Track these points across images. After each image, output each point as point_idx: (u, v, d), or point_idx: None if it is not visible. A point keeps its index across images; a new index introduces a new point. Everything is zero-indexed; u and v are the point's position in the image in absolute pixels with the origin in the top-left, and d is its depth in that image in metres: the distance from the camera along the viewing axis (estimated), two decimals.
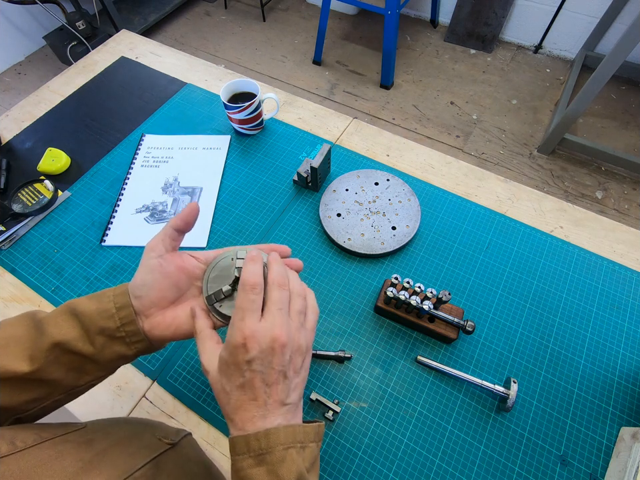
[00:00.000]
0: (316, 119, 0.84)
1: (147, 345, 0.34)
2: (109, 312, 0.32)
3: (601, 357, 0.55)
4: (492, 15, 2.07)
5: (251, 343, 0.28)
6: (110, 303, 0.33)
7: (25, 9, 2.13)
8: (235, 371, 0.29)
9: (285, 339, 0.29)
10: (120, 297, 0.33)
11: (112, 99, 0.89)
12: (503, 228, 0.67)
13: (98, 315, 0.32)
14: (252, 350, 0.28)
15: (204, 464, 0.40)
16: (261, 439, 0.28)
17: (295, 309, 0.32)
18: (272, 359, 0.29)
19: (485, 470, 0.48)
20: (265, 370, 0.29)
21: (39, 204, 0.71)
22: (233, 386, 0.29)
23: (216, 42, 2.37)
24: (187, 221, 0.35)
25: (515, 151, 1.80)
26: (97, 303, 0.33)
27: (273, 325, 0.29)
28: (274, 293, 0.31)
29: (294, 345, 0.30)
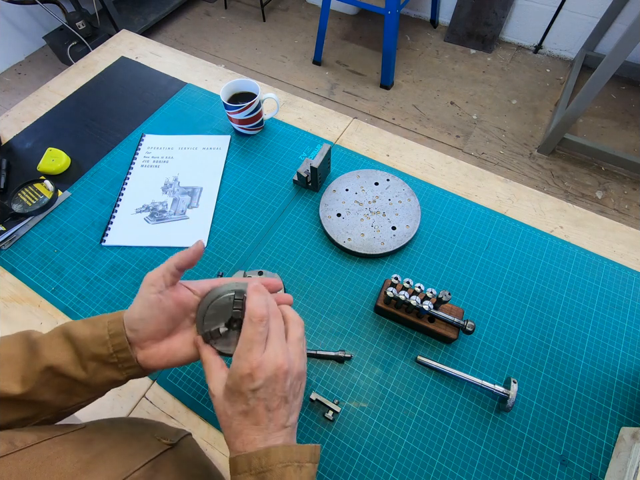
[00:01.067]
0: (316, 119, 0.84)
1: (139, 370, 0.34)
2: (103, 338, 0.33)
3: (601, 357, 0.55)
4: (492, 15, 2.07)
5: (257, 373, 0.29)
6: (104, 330, 0.33)
7: (25, 9, 2.13)
8: (238, 398, 0.30)
9: (287, 367, 0.31)
10: (114, 324, 0.33)
11: (112, 99, 0.89)
12: (503, 228, 0.67)
13: (92, 341, 0.33)
14: (258, 379, 0.29)
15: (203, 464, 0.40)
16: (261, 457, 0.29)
17: (295, 336, 0.33)
18: (275, 386, 0.30)
19: (485, 470, 0.48)
20: (268, 397, 0.30)
21: (39, 204, 0.71)
22: (236, 412, 0.30)
23: (216, 42, 2.37)
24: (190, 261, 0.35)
25: (514, 151, 1.80)
26: (91, 328, 0.33)
27: (276, 355, 0.30)
28: (273, 322, 0.32)
29: (294, 371, 0.32)
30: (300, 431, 0.51)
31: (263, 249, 0.66)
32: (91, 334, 0.33)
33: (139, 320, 0.33)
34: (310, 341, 0.57)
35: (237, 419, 0.30)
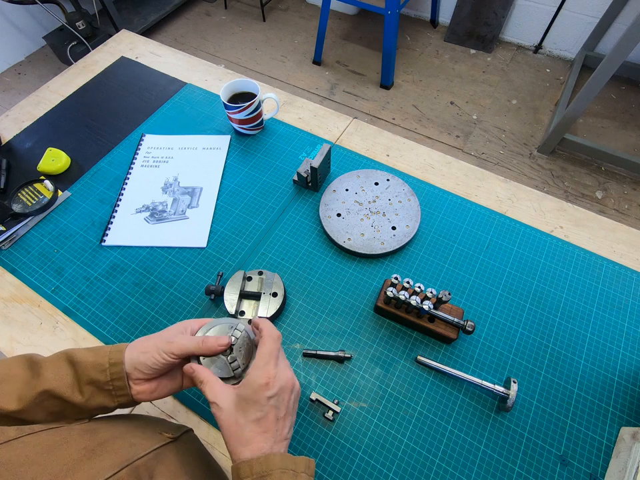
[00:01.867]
0: (316, 119, 0.84)
1: (129, 400, 0.37)
2: (103, 366, 0.36)
3: (601, 357, 0.55)
4: (492, 15, 2.07)
5: (273, 382, 0.34)
6: (105, 357, 0.36)
7: (25, 9, 2.13)
8: (253, 406, 0.34)
9: (293, 382, 0.37)
10: (115, 354, 0.36)
11: (112, 99, 0.89)
12: (503, 228, 0.67)
13: (92, 367, 0.35)
14: (273, 388, 0.34)
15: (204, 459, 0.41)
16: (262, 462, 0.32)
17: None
18: (285, 396, 0.35)
19: (485, 470, 0.48)
20: (279, 405, 0.35)
21: (39, 204, 0.71)
22: (249, 420, 0.34)
23: (216, 42, 2.37)
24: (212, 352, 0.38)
25: (515, 151, 1.80)
26: (93, 355, 0.36)
27: (285, 370, 0.36)
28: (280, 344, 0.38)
29: (297, 386, 0.38)
30: (300, 431, 0.51)
31: (263, 249, 0.66)
32: (93, 360, 0.36)
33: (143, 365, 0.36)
34: (310, 341, 0.57)
35: (249, 427, 0.34)
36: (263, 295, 0.58)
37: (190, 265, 0.65)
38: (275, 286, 0.59)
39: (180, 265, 0.65)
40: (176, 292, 0.62)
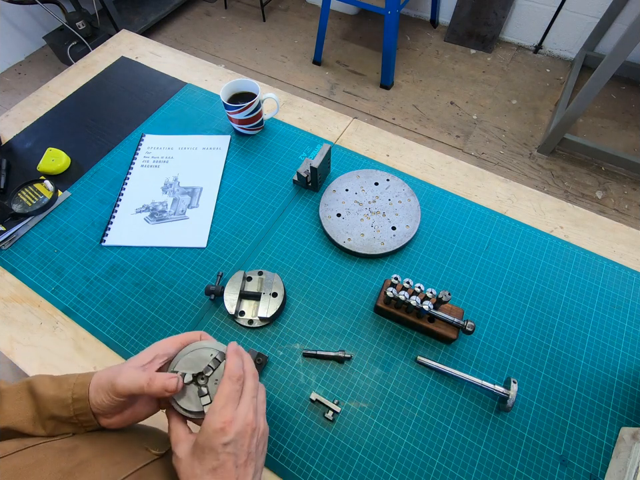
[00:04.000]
0: (316, 119, 0.84)
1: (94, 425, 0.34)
2: (65, 402, 0.33)
3: (601, 357, 0.55)
4: (492, 15, 2.07)
5: (229, 427, 0.31)
6: (68, 392, 0.33)
7: (25, 9, 2.13)
8: (209, 454, 0.31)
9: (254, 425, 0.33)
10: (79, 388, 0.34)
11: (112, 99, 0.89)
12: (503, 228, 0.67)
13: (53, 402, 0.33)
14: (229, 433, 0.31)
15: None
16: None
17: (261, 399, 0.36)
18: (244, 442, 0.32)
19: (485, 470, 0.48)
20: (237, 452, 0.31)
21: (39, 204, 0.71)
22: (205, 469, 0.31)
23: (216, 42, 2.37)
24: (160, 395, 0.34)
25: (515, 151, 1.80)
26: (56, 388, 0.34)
27: (247, 411, 0.33)
28: (249, 382, 0.35)
29: (260, 430, 0.34)
30: (300, 431, 0.51)
31: (263, 249, 0.66)
32: (54, 395, 0.33)
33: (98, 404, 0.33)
34: (310, 341, 0.57)
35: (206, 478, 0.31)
36: (263, 295, 0.58)
37: (190, 265, 0.65)
38: (274, 286, 0.59)
39: (180, 265, 0.65)
40: (176, 292, 0.62)
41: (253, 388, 0.35)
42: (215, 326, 0.59)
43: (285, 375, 0.55)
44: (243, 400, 0.34)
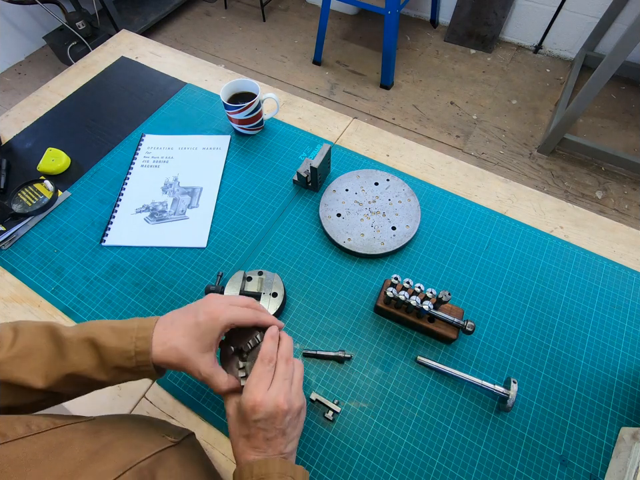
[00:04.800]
0: (316, 119, 0.84)
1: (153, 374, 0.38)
2: (129, 354, 0.36)
3: (601, 357, 0.55)
4: (492, 15, 2.07)
5: (259, 407, 0.35)
6: (131, 345, 0.36)
7: (25, 9, 2.13)
8: (243, 423, 0.36)
9: (286, 407, 0.35)
10: (141, 342, 0.36)
11: (112, 99, 0.89)
12: (503, 228, 0.67)
13: (117, 354, 0.36)
14: (259, 412, 0.35)
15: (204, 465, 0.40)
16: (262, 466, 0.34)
17: (296, 378, 0.39)
18: (274, 421, 0.35)
19: (485, 470, 0.48)
20: (267, 428, 0.35)
21: (39, 204, 0.71)
22: (241, 434, 0.36)
23: (216, 42, 2.37)
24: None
25: (515, 151, 1.80)
26: (117, 339, 0.36)
27: (277, 395, 0.35)
28: (282, 365, 0.38)
29: (293, 410, 0.36)
30: None
31: (263, 249, 0.66)
32: (117, 346, 0.36)
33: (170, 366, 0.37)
34: (310, 341, 0.57)
35: (241, 440, 0.36)
36: (263, 295, 0.58)
37: (190, 265, 0.65)
38: (274, 286, 0.59)
39: (180, 265, 0.65)
40: (176, 292, 0.62)
41: (284, 371, 0.37)
42: None
43: None
44: (275, 382, 0.36)
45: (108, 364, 0.36)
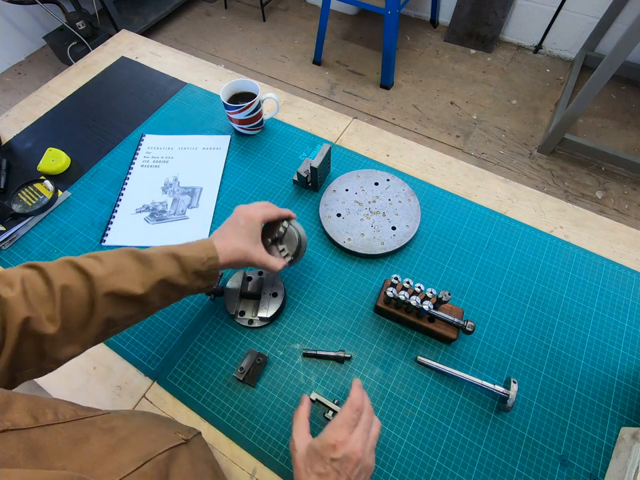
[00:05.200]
0: (316, 119, 0.84)
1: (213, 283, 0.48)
2: (202, 260, 0.45)
3: (601, 357, 0.55)
4: (492, 15, 2.07)
5: (340, 447, 0.37)
6: (202, 253, 0.45)
7: (25, 9, 2.13)
8: (319, 461, 0.37)
9: (360, 455, 0.37)
10: (210, 251, 0.46)
11: (112, 99, 0.89)
12: (503, 228, 0.67)
13: (194, 261, 0.44)
14: (339, 451, 0.37)
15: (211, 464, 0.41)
16: None
17: (373, 434, 0.40)
18: (347, 465, 0.37)
19: (485, 470, 0.48)
20: (341, 471, 0.36)
21: (39, 204, 0.71)
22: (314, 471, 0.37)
23: (216, 42, 2.37)
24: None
25: (515, 151, 1.80)
26: (192, 251, 0.45)
27: (356, 441, 0.38)
28: (365, 416, 0.40)
29: (365, 463, 0.38)
30: None
31: None
32: (193, 255, 0.45)
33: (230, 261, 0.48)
34: (310, 341, 0.57)
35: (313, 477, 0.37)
36: (263, 295, 0.58)
37: None
38: (274, 286, 0.59)
39: None
40: None
41: (367, 421, 0.40)
42: (215, 326, 0.59)
43: (285, 374, 0.55)
44: (357, 429, 0.39)
45: (188, 270, 0.44)
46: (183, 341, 0.58)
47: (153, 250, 0.44)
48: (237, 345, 0.57)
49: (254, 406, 0.53)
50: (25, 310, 0.34)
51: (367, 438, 0.39)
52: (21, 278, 0.36)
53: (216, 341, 0.58)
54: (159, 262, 0.43)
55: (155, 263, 0.43)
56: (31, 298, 0.35)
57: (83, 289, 0.38)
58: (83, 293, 0.38)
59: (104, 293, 0.39)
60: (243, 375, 0.53)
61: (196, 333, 0.59)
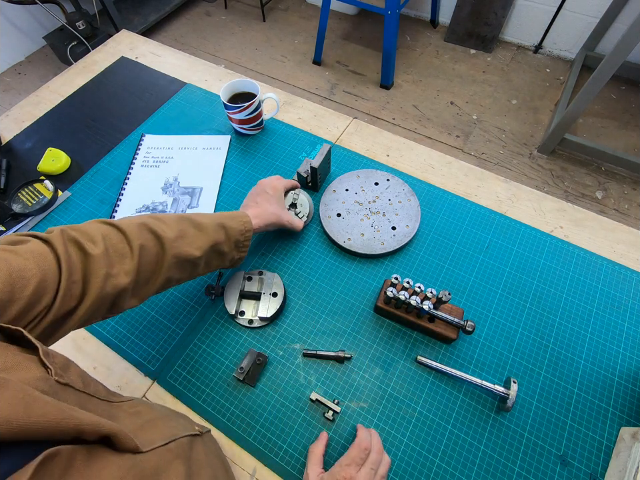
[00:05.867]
0: (316, 119, 0.84)
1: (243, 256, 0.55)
2: (242, 230, 0.52)
3: (601, 357, 0.55)
4: (492, 15, 2.07)
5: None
6: (241, 225, 0.52)
7: (25, 9, 2.13)
8: None
9: None
10: (248, 224, 0.53)
11: (112, 99, 0.89)
12: (503, 228, 0.67)
13: (236, 232, 0.51)
14: None
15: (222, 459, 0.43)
16: None
17: (380, 473, 0.42)
18: None
19: (485, 470, 0.48)
20: None
21: (39, 204, 0.71)
22: None
23: (216, 42, 2.37)
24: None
25: (514, 150, 1.80)
26: (235, 223, 0.51)
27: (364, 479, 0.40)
28: (372, 455, 0.43)
29: None
30: (300, 431, 0.51)
31: (263, 249, 0.66)
32: (235, 227, 0.51)
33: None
34: (310, 341, 0.57)
35: None
36: (263, 295, 0.58)
37: None
38: (274, 286, 0.59)
39: None
40: (176, 292, 0.62)
41: (375, 461, 0.42)
42: (215, 326, 0.59)
43: (285, 374, 0.55)
44: (364, 468, 0.41)
45: (231, 238, 0.50)
46: (183, 340, 0.58)
47: (203, 218, 0.49)
48: (237, 345, 0.57)
49: (254, 406, 0.53)
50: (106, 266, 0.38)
51: (373, 476, 0.41)
52: (102, 235, 0.40)
53: (216, 340, 0.58)
54: (210, 229, 0.48)
55: (208, 230, 0.48)
56: (112, 254, 0.40)
57: (155, 249, 0.43)
58: (155, 252, 0.43)
59: (172, 254, 0.44)
60: (243, 374, 0.53)
61: (196, 332, 0.59)
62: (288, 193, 0.67)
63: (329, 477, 0.41)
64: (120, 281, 0.39)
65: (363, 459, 0.42)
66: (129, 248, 0.41)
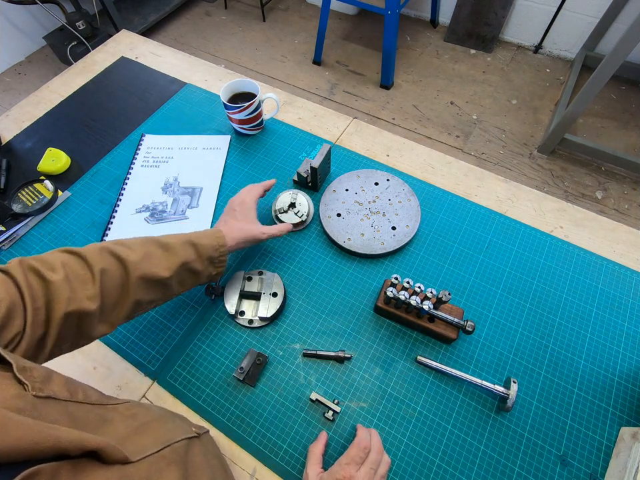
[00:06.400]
0: (316, 119, 0.84)
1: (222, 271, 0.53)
2: (215, 246, 0.50)
3: (601, 357, 0.55)
4: (492, 15, 2.07)
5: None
6: (214, 241, 0.51)
7: (25, 9, 2.13)
8: None
9: None
10: (219, 239, 0.51)
11: (112, 99, 0.89)
12: (503, 228, 0.67)
13: (208, 248, 0.50)
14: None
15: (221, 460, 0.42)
16: None
17: (380, 473, 0.43)
18: None
19: (485, 470, 0.48)
20: None
21: (39, 204, 0.71)
22: None
23: (216, 42, 2.37)
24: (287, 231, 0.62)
25: (514, 150, 1.80)
26: (206, 239, 0.50)
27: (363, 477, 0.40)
28: (372, 455, 0.43)
29: None
30: (300, 431, 0.51)
31: (263, 249, 0.66)
32: (207, 243, 0.50)
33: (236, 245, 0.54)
34: (310, 341, 0.57)
35: None
36: (263, 295, 0.58)
37: None
38: (275, 286, 0.59)
39: None
40: None
41: (374, 460, 0.43)
42: (215, 326, 0.59)
43: (285, 374, 0.55)
44: (364, 467, 0.41)
45: (203, 256, 0.49)
46: (183, 340, 0.58)
47: (171, 238, 0.48)
48: (237, 345, 0.57)
49: (254, 406, 0.53)
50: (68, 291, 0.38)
51: (372, 475, 0.41)
52: (61, 263, 0.40)
53: (216, 341, 0.58)
54: (179, 248, 0.48)
55: (176, 249, 0.47)
56: (73, 281, 0.39)
57: (118, 272, 0.43)
58: (118, 275, 0.43)
59: (137, 276, 0.43)
60: (243, 374, 0.53)
61: (196, 332, 0.59)
62: (288, 194, 0.67)
63: (329, 476, 0.41)
64: (84, 305, 0.39)
65: (362, 458, 0.42)
66: (90, 273, 0.41)
